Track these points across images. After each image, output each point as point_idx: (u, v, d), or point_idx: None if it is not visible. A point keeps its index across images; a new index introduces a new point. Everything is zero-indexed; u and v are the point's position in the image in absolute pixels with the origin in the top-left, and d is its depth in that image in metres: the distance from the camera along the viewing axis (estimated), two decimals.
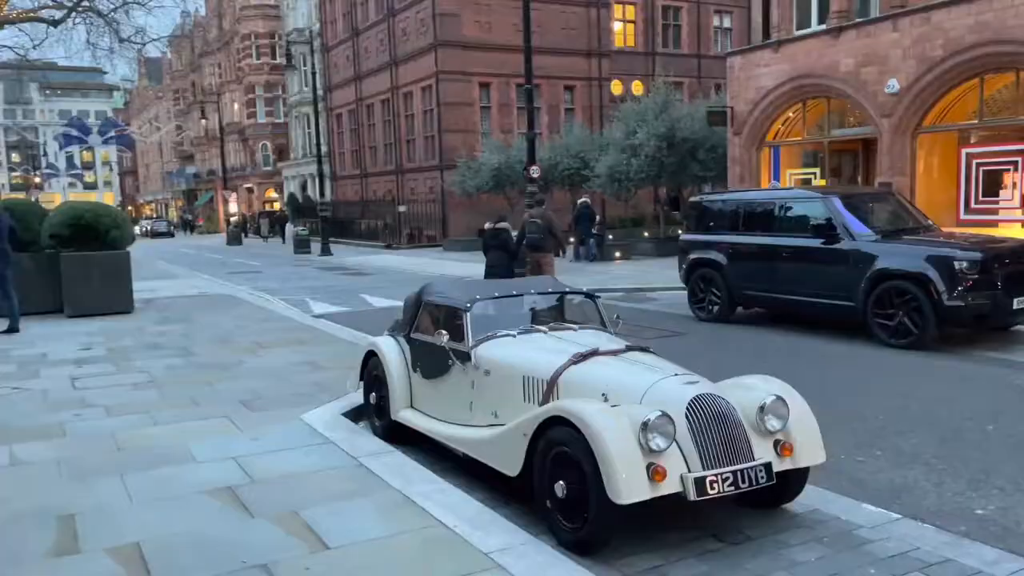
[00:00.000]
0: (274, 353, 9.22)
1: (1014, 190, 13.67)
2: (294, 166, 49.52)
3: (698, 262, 11.39)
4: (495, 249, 12.04)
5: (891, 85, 14.98)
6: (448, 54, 31.48)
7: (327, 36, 41.99)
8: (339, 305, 14.64)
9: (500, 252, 11.94)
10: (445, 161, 31.52)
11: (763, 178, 18.29)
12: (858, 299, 9.17)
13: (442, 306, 5.56)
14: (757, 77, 17.80)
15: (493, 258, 11.99)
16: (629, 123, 22.19)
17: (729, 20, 38.34)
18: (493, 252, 12.05)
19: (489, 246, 12.15)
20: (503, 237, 12.03)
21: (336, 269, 23.29)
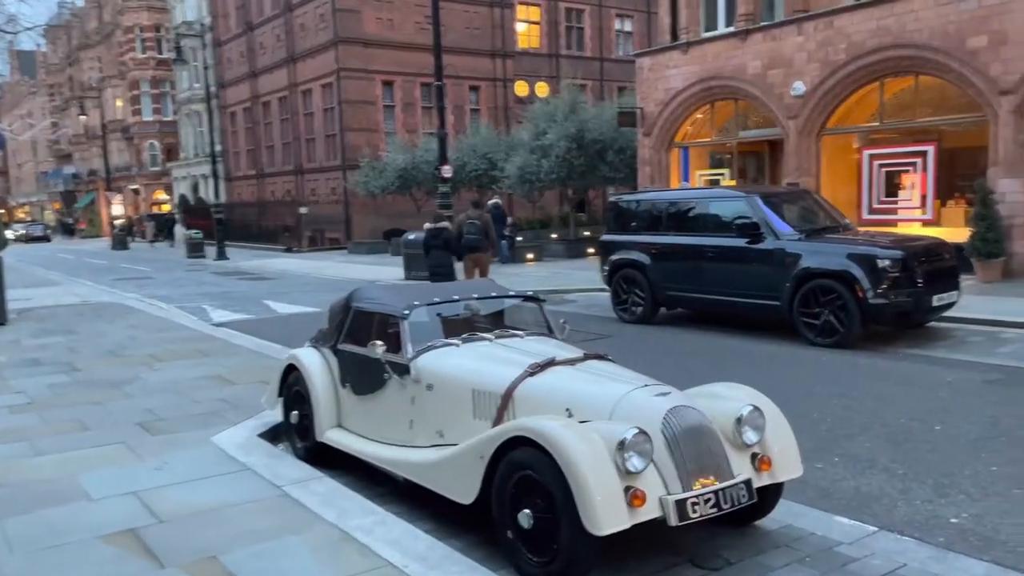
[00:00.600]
0: (173, 367, 8.39)
1: (913, 190, 14.16)
2: (184, 166, 47.13)
3: (620, 263, 11.19)
4: (437, 249, 12.03)
5: (796, 87, 15.29)
6: (349, 51, 30.56)
7: (219, 30, 40.13)
8: (241, 312, 13.72)
9: (442, 252, 11.98)
10: (348, 161, 30.56)
11: (673, 179, 18.41)
12: (783, 298, 9.14)
13: (375, 313, 5.03)
14: (666, 78, 17.89)
15: (436, 258, 12.00)
16: (538, 124, 22.00)
17: (630, 24, 38.91)
18: (435, 252, 12.04)
19: (431, 246, 12.10)
20: (445, 236, 12.04)
21: (234, 274, 22.08)
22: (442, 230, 12.24)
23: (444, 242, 12.11)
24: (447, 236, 12.17)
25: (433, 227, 12.35)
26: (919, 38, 13.40)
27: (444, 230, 12.25)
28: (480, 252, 12.75)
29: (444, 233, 12.19)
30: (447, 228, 12.32)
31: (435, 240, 12.13)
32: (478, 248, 12.65)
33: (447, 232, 12.22)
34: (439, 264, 12.06)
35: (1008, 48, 12.33)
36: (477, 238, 12.55)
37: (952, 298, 8.92)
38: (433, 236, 12.18)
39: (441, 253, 12.09)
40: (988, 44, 12.55)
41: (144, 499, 4.43)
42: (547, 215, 30.27)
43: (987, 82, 12.65)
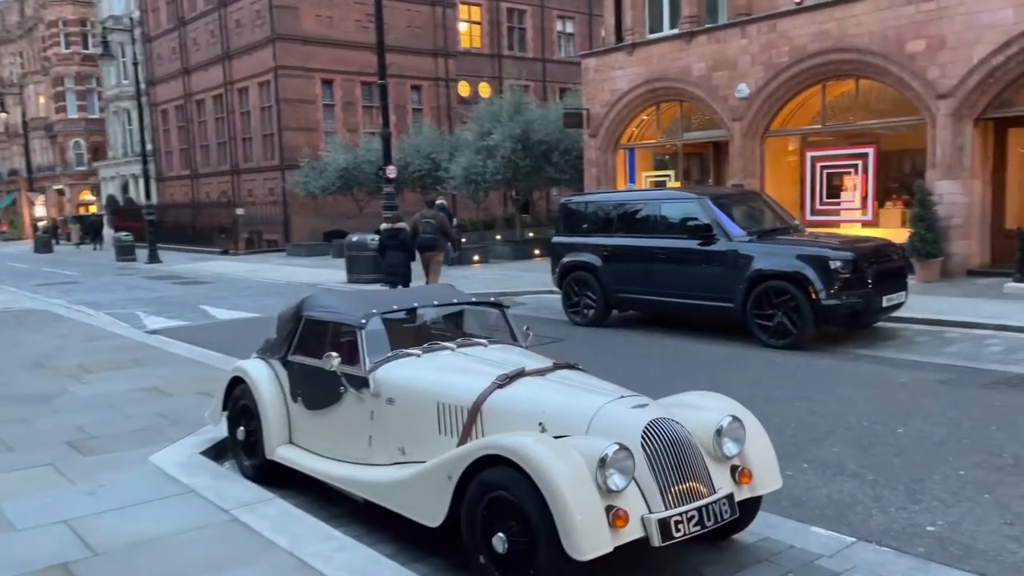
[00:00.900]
0: (105, 378, 7.90)
1: (855, 192, 14.41)
2: (113, 166, 45.39)
3: (572, 265, 11.05)
4: (394, 249, 12.20)
5: (741, 90, 15.42)
6: (287, 48, 29.81)
7: (149, 25, 38.75)
8: (177, 319, 13.13)
9: (399, 252, 12.16)
10: (286, 161, 29.82)
11: (619, 180, 18.42)
12: (737, 300, 9.11)
13: (329, 323, 4.73)
14: (612, 79, 17.88)
15: (393, 258, 12.17)
16: (483, 124, 21.77)
17: (571, 25, 38.98)
18: (392, 253, 12.21)
19: (387, 246, 12.26)
20: (402, 236, 12.22)
21: (168, 278, 21.24)
22: (399, 231, 12.36)
23: (401, 243, 12.24)
24: (404, 236, 12.28)
25: (390, 228, 12.46)
26: (860, 42, 13.64)
27: (401, 231, 12.36)
28: (436, 251, 12.86)
29: (401, 234, 12.31)
30: (404, 228, 12.42)
31: (392, 240, 12.27)
32: (434, 247, 12.75)
33: (404, 232, 12.33)
34: (396, 264, 12.19)
35: (945, 53, 12.62)
36: (433, 237, 12.65)
37: (900, 298, 9.03)
38: (390, 236, 12.30)
39: (398, 254, 12.22)
40: (926, 48, 12.84)
41: (77, 529, 4.06)
42: (491, 216, 30.10)
43: (925, 86, 12.94)
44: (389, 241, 12.34)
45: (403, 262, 12.26)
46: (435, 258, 12.99)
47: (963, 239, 12.98)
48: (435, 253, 12.93)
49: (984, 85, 12.40)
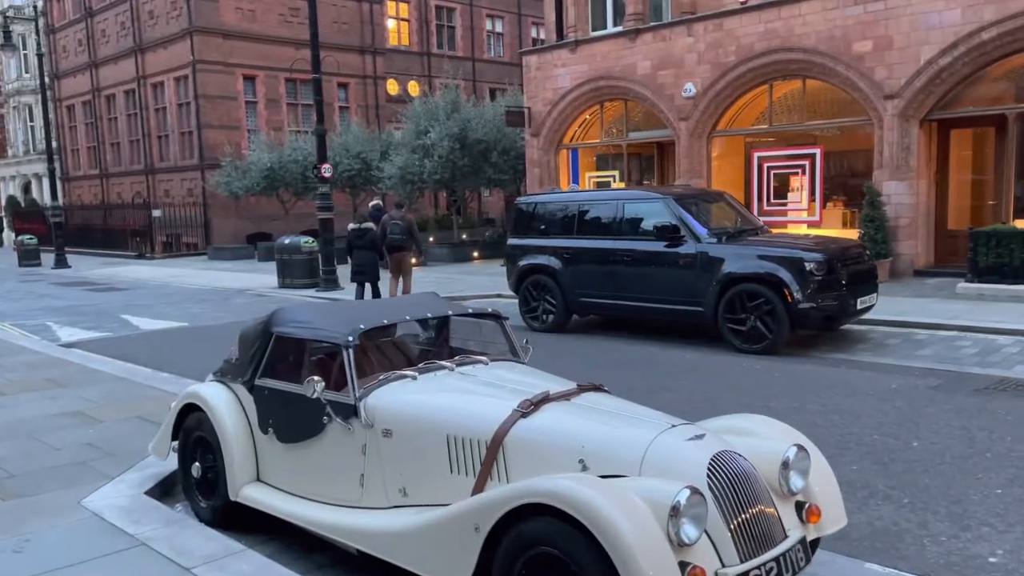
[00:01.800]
0: (20, 402, 6.95)
1: (801, 192, 14.38)
2: (13, 164, 42.53)
3: (530, 268, 10.53)
4: (362, 249, 12.37)
5: (687, 89, 15.22)
6: (206, 42, 28.33)
7: (52, 15, 36.38)
8: (95, 330, 12.01)
9: (367, 252, 12.39)
10: (206, 160, 28.33)
11: (562, 180, 18.02)
12: (708, 303, 8.77)
13: (306, 340, 4.06)
14: (555, 77, 17.47)
15: (360, 258, 12.38)
16: (420, 122, 21.06)
17: (501, 25, 38.55)
18: (359, 252, 12.38)
19: (355, 246, 12.39)
20: (370, 236, 12.41)
21: (79, 284, 19.73)
22: (367, 230, 12.50)
23: (370, 242, 12.42)
24: (373, 236, 12.45)
25: (357, 227, 12.53)
26: (807, 42, 13.59)
27: (369, 230, 12.51)
28: (404, 251, 12.88)
29: (369, 233, 12.46)
30: (372, 228, 12.61)
31: (360, 240, 12.39)
32: (402, 247, 12.79)
33: (372, 232, 12.50)
34: (364, 264, 12.45)
35: (892, 53, 12.67)
36: (401, 238, 12.71)
37: (872, 300, 8.86)
38: (358, 236, 12.40)
39: (366, 253, 12.43)
40: (873, 49, 12.86)
41: None
42: (422, 218, 29.32)
43: (872, 86, 12.97)
44: (357, 241, 12.40)
45: (371, 261, 12.50)
46: (406, 258, 12.99)
47: (910, 239, 13.06)
48: (405, 253, 12.91)
49: (931, 86, 12.50)
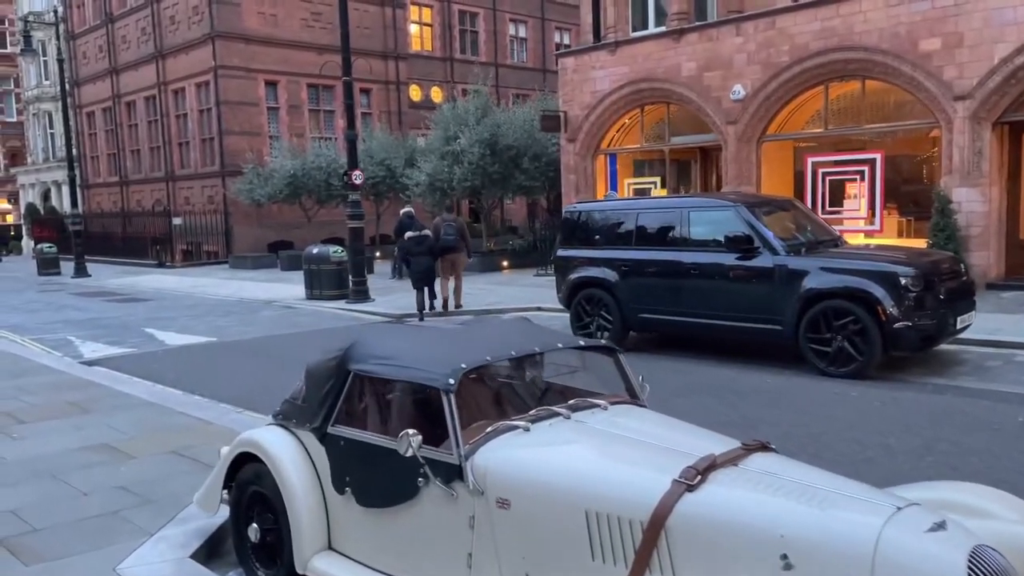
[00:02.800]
0: (41, 432, 6.30)
1: (860, 200, 13.59)
2: (33, 172, 42.28)
3: (583, 282, 9.81)
4: (421, 255, 12.80)
5: (736, 91, 14.48)
6: (228, 47, 27.84)
7: (73, 22, 36.06)
8: (118, 345, 11.38)
9: (426, 257, 12.77)
10: (228, 167, 27.80)
11: (599, 187, 17.30)
12: (787, 322, 8.02)
13: (395, 381, 3.36)
14: (592, 80, 16.76)
15: (421, 264, 12.78)
16: (448, 128, 20.41)
17: (524, 30, 37.94)
18: (419, 258, 12.80)
19: (414, 252, 12.87)
20: (428, 243, 12.83)
21: (100, 294, 19.18)
22: (425, 237, 12.94)
23: (428, 248, 12.83)
24: (430, 243, 12.85)
25: (417, 234, 13.00)
26: (867, 40, 12.82)
27: (427, 237, 12.93)
28: (457, 252, 13.23)
29: (427, 240, 12.88)
30: (429, 235, 12.98)
31: (419, 247, 12.86)
32: (455, 248, 13.16)
33: (430, 239, 12.89)
34: (425, 269, 12.84)
35: (963, 51, 11.88)
36: (455, 239, 13.13)
37: (971, 319, 8.08)
38: (417, 243, 12.89)
39: (425, 259, 12.82)
40: (942, 47, 12.08)
41: None
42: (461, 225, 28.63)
43: (941, 87, 12.18)
44: (416, 248, 12.87)
45: (431, 267, 12.93)
46: (459, 259, 13.36)
47: (982, 250, 12.24)
48: (458, 254, 13.28)
49: (1005, 86, 11.70)
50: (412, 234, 13.13)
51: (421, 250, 12.81)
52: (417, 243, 12.88)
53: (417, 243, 12.88)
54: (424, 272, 12.81)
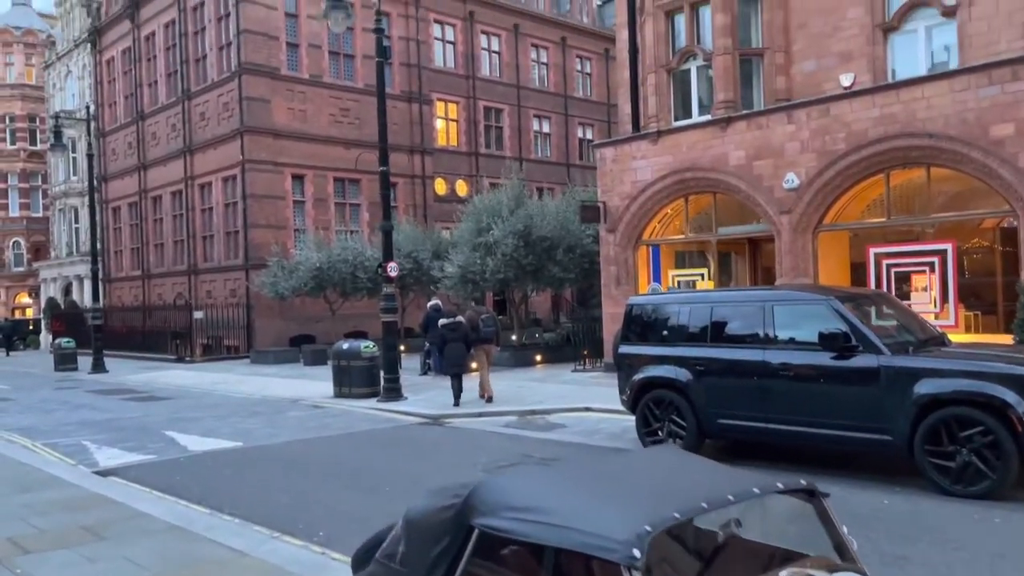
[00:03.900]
0: (47, 566, 5.34)
1: (930, 292, 12.72)
2: (56, 266, 42.25)
3: (651, 382, 8.89)
4: (454, 342, 12.97)
5: (789, 180, 13.86)
6: (257, 142, 27.90)
7: (104, 120, 36.63)
8: (138, 451, 10.46)
9: (459, 344, 12.97)
10: (252, 260, 27.40)
11: (641, 279, 16.52)
12: (897, 431, 7.03)
13: (548, 548, 2.44)
14: (633, 170, 16.25)
15: (456, 351, 12.97)
16: (481, 219, 19.91)
17: (548, 125, 38.21)
18: (453, 345, 12.96)
19: (448, 339, 13.05)
20: (463, 330, 13.04)
21: (117, 392, 18.33)
22: (459, 323, 13.15)
23: (463, 336, 13.03)
24: (465, 329, 13.05)
25: (451, 321, 13.23)
26: (932, 127, 12.24)
27: (461, 324, 13.14)
28: (491, 343, 13.82)
29: (462, 327, 13.06)
30: (463, 322, 13.20)
31: (453, 334, 13.02)
32: (491, 340, 13.70)
33: (464, 326, 13.09)
34: (459, 357, 13.02)
35: None
36: (494, 329, 13.87)
37: None
38: (451, 330, 13.07)
39: (459, 346, 12.99)
40: (1016, 132, 11.45)
41: None
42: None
43: (1016, 174, 11.48)
44: (451, 334, 13.01)
45: (464, 354, 13.12)
46: (492, 349, 13.83)
47: None
48: (492, 345, 13.81)
49: None
50: (446, 321, 13.34)
51: (456, 337, 13.01)
52: (452, 330, 13.08)
53: (452, 330, 13.08)
54: (459, 359, 13.01)
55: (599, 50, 40.46)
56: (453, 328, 13.05)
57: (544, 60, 38.19)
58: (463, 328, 13.02)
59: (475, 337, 13.27)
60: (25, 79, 48.33)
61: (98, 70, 37.51)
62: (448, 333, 13.05)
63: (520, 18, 36.79)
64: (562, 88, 38.59)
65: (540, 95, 37.72)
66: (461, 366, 13.05)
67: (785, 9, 14.60)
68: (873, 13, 13.57)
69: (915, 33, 13.35)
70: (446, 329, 13.12)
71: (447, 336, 13.09)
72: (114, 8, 35.61)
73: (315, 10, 29.47)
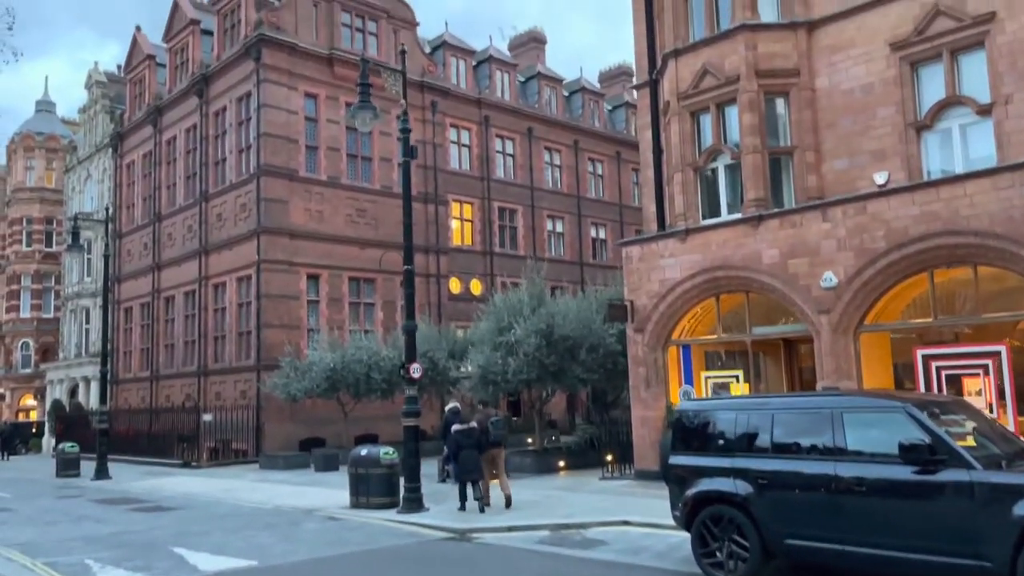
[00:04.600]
0: None
1: (983, 396, 12.05)
2: (63, 368, 41.73)
3: (707, 497, 8.18)
4: (468, 448, 13.02)
5: (827, 279, 13.45)
6: (273, 242, 27.86)
7: (121, 222, 36.88)
8: (143, 571, 9.66)
9: (473, 450, 13.01)
10: (264, 361, 26.86)
11: (672, 381, 15.92)
12: (998, 555, 6.29)
13: None
14: (661, 268, 15.90)
15: (470, 458, 12.99)
16: (502, 317, 19.45)
17: (561, 225, 38.37)
18: (467, 452, 12.99)
19: (462, 445, 13.05)
20: (476, 435, 13.12)
21: (122, 501, 17.43)
22: (473, 430, 13.18)
23: (476, 442, 13.06)
24: (478, 435, 13.09)
25: (465, 427, 13.24)
26: (977, 224, 11.90)
27: (475, 430, 13.17)
28: (502, 447, 13.73)
29: (475, 432, 13.12)
30: (475, 427, 13.20)
31: (468, 440, 13.07)
32: (501, 444, 13.59)
33: (476, 431, 13.13)
34: (473, 463, 13.00)
35: None
36: (503, 434, 13.71)
37: None
38: (466, 436, 13.11)
39: (473, 452, 12.99)
40: None
41: None
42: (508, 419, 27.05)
43: None
44: (465, 441, 13.00)
45: (478, 461, 13.06)
46: (502, 454, 13.68)
47: None
48: (501, 449, 13.66)
49: None
50: (460, 427, 13.30)
51: (469, 443, 13.01)
52: (466, 436, 13.10)
53: (466, 436, 13.10)
54: (474, 466, 12.98)
55: (610, 152, 41.11)
56: (467, 434, 13.10)
57: (557, 162, 38.74)
58: (475, 434, 13.08)
59: (485, 441, 13.22)
60: (45, 183, 49.18)
61: (118, 173, 38.11)
62: (463, 439, 13.05)
63: (533, 122, 37.52)
64: (575, 189, 38.97)
65: (553, 195, 38.07)
66: (475, 472, 13.00)
67: (813, 109, 14.55)
68: (904, 112, 13.48)
69: (949, 131, 13.21)
70: (460, 435, 13.13)
71: (461, 442, 13.07)
72: (137, 114, 36.44)
73: (334, 115, 30.19)
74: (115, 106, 39.29)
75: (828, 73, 14.45)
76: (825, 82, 14.47)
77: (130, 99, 37.53)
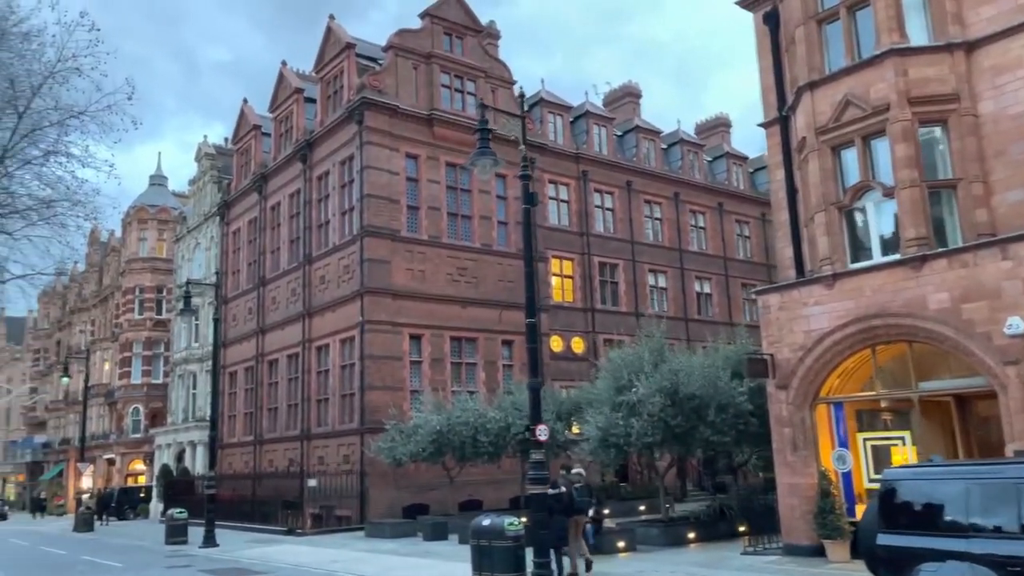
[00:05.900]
0: None
1: None
2: (171, 432, 42.40)
3: None
4: (559, 514, 12.67)
5: (1013, 325, 11.77)
6: (376, 303, 27.54)
7: (227, 288, 37.56)
8: None
9: (562, 516, 12.71)
10: (367, 423, 26.26)
11: (822, 443, 14.29)
12: None
13: None
14: (805, 318, 14.45)
15: (560, 523, 12.65)
16: (621, 375, 18.20)
17: (664, 280, 37.00)
18: (557, 517, 12.55)
19: (554, 510, 12.48)
20: (565, 501, 12.94)
21: (233, 571, 16.77)
22: (563, 495, 12.94)
23: (565, 507, 12.84)
24: (567, 500, 12.94)
25: (558, 492, 12.90)
26: None
27: (564, 494, 12.95)
28: (584, 513, 13.62)
29: (564, 498, 12.93)
30: (565, 492, 13.03)
31: (558, 503, 12.69)
32: (583, 509, 13.45)
33: (566, 496, 12.98)
34: (563, 530, 12.79)
35: None
36: (588, 500, 13.58)
37: None
38: (557, 500, 12.70)
39: (563, 520, 12.78)
40: None
41: None
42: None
43: None
44: (557, 505, 12.61)
45: (566, 526, 12.86)
46: (582, 520, 13.54)
47: None
48: (583, 516, 13.56)
49: None
50: (554, 491, 12.83)
51: (560, 507, 12.69)
52: (557, 500, 12.72)
53: (557, 500, 12.72)
54: (563, 533, 12.70)
55: (712, 204, 39.78)
56: (558, 499, 12.74)
57: (657, 215, 37.63)
58: (564, 499, 12.81)
59: (571, 506, 13.04)
60: (156, 253, 51.17)
61: (224, 240, 39.05)
62: (554, 504, 12.56)
63: (632, 175, 36.67)
64: (676, 242, 37.69)
65: (654, 249, 36.88)
66: (564, 540, 12.77)
67: (977, 136, 13.09)
68: None
69: None
70: (552, 499, 12.52)
71: (553, 507, 12.47)
72: (243, 183, 37.43)
73: (434, 175, 30.09)
74: (223, 176, 40.57)
75: (993, 97, 13.01)
76: (990, 106, 13.03)
77: (237, 168, 38.66)
